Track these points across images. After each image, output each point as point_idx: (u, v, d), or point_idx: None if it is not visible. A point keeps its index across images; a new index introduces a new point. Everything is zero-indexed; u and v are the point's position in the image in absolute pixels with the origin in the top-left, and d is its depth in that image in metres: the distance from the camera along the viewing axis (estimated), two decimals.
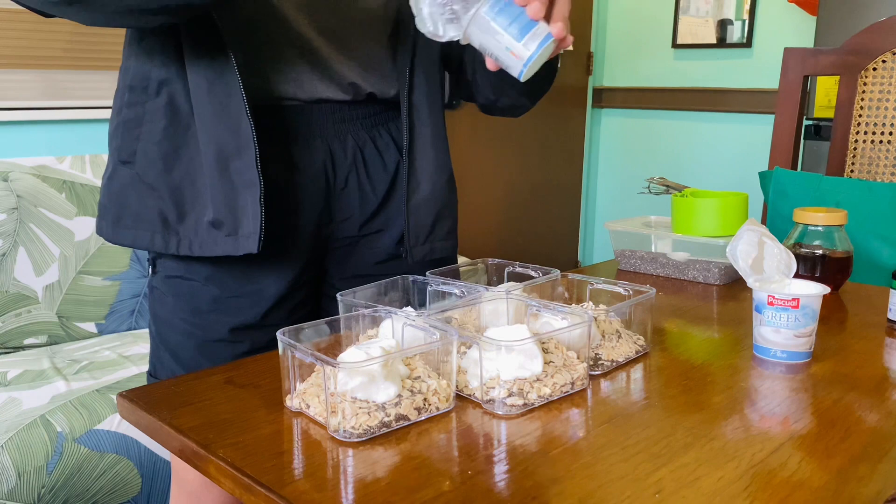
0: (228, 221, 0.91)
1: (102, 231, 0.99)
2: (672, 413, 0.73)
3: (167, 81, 0.91)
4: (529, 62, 0.79)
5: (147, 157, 0.93)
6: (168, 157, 0.92)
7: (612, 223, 1.31)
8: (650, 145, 3.63)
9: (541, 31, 0.78)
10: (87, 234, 2.06)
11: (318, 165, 0.99)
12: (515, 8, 0.77)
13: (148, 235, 0.94)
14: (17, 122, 2.15)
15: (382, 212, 1.05)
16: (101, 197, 1.00)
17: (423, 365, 0.75)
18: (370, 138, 1.03)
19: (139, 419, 0.75)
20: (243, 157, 0.90)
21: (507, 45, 0.78)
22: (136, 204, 0.94)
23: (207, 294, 0.97)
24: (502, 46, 0.79)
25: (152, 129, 0.92)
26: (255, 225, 0.91)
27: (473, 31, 0.79)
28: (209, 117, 0.89)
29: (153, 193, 0.93)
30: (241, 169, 0.90)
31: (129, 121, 0.94)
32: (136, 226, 0.95)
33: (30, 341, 1.96)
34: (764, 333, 0.88)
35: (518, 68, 0.80)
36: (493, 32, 0.78)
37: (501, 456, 0.64)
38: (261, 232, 0.91)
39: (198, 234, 0.93)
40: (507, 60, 0.80)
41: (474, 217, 3.33)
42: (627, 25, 3.62)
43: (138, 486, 1.58)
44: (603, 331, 0.87)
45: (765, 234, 0.97)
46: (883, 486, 0.61)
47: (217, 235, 0.92)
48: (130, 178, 0.94)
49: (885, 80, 1.54)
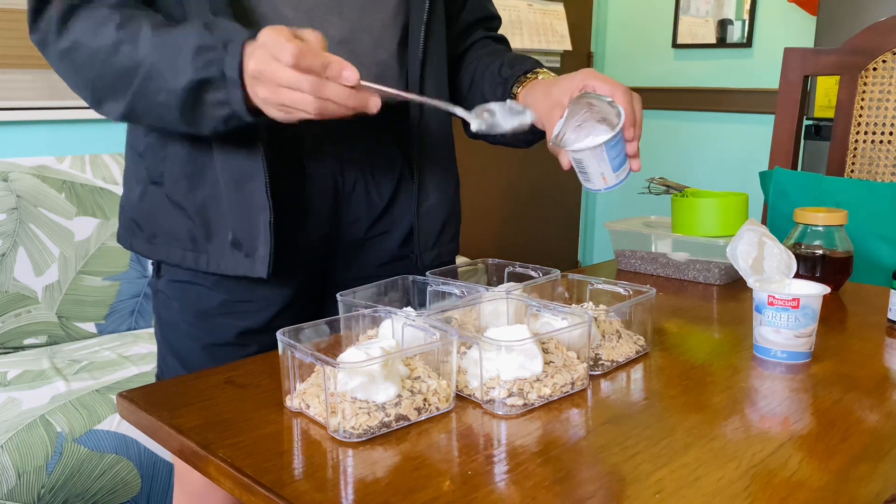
0: (246, 242, 0.93)
1: (135, 246, 1.01)
2: (672, 413, 0.73)
3: None
4: (609, 189, 0.95)
5: (173, 178, 0.95)
6: (193, 178, 0.94)
7: (612, 223, 1.31)
8: (650, 145, 3.62)
9: (627, 167, 0.94)
10: (86, 234, 2.06)
11: (328, 172, 0.99)
12: (622, 143, 0.91)
13: (180, 253, 0.96)
14: (17, 122, 2.15)
15: (387, 215, 1.06)
16: (128, 213, 1.01)
17: (423, 365, 0.74)
18: (377, 143, 1.04)
19: (139, 419, 0.75)
20: (255, 180, 0.91)
21: (603, 172, 0.93)
22: (168, 223, 0.96)
23: (215, 298, 0.98)
24: (599, 172, 0.93)
25: (177, 150, 0.94)
26: (266, 249, 0.92)
27: (584, 155, 0.91)
28: (224, 139, 0.91)
29: (182, 213, 0.95)
30: (253, 191, 0.91)
31: (157, 142, 0.96)
32: (170, 243, 0.97)
33: (30, 341, 1.96)
34: (764, 333, 0.88)
35: (598, 187, 0.95)
36: (600, 160, 0.91)
37: (501, 456, 0.64)
38: (270, 258, 0.92)
39: (223, 254, 0.94)
40: (593, 178, 0.94)
41: (474, 217, 3.33)
42: (627, 25, 3.62)
43: (138, 486, 1.58)
44: (603, 331, 0.87)
45: (765, 234, 0.97)
46: (883, 486, 0.61)
47: (238, 255, 0.94)
48: (160, 198, 0.96)
49: (885, 80, 1.54)
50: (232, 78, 0.79)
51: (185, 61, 0.80)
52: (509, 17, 3.18)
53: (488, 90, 1.06)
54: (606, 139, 0.88)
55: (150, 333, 2.05)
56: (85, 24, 0.84)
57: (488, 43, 1.15)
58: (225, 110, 0.82)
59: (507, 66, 1.05)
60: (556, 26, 3.36)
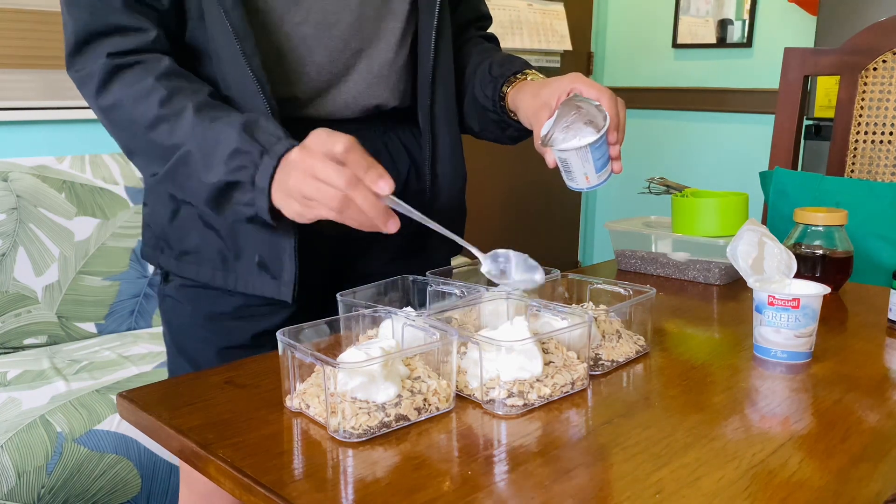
0: (273, 265, 0.94)
1: (162, 263, 1.01)
2: (672, 413, 0.73)
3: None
4: (591, 188, 0.97)
5: None
6: None
7: (612, 223, 1.31)
8: (650, 145, 3.63)
9: (609, 169, 0.96)
10: (86, 234, 2.06)
11: None
12: (605, 145, 0.93)
13: (209, 272, 0.97)
14: (17, 122, 2.15)
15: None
16: (155, 231, 1.01)
17: (423, 365, 0.74)
18: (383, 145, 1.04)
19: (139, 419, 0.75)
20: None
21: (586, 172, 0.94)
22: (199, 242, 0.97)
23: (231, 302, 0.98)
24: (583, 172, 0.94)
25: None
26: (290, 275, 0.93)
27: (571, 153, 0.93)
28: None
29: (214, 233, 0.95)
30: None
31: None
32: (199, 262, 0.97)
33: (29, 341, 1.96)
34: (764, 333, 0.88)
35: (581, 187, 0.97)
36: (585, 161, 0.93)
37: (501, 456, 0.64)
38: (295, 282, 0.93)
39: (251, 274, 0.95)
40: (576, 178, 0.96)
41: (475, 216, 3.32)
42: (627, 25, 3.62)
43: (138, 486, 1.58)
44: (603, 331, 0.87)
45: (765, 234, 0.97)
46: (883, 486, 0.61)
47: (265, 277, 0.95)
48: (192, 217, 0.97)
49: (885, 80, 1.54)
50: (261, 187, 0.81)
51: (220, 161, 0.81)
52: (509, 17, 3.18)
53: (478, 88, 1.07)
54: (592, 141, 0.90)
55: (150, 333, 2.05)
56: (128, 91, 0.85)
57: (480, 42, 1.16)
58: (249, 211, 0.84)
59: (497, 65, 1.06)
60: (556, 26, 3.36)
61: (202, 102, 0.85)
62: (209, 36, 0.89)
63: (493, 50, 1.14)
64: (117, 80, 0.85)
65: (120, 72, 0.85)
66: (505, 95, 1.04)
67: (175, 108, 0.83)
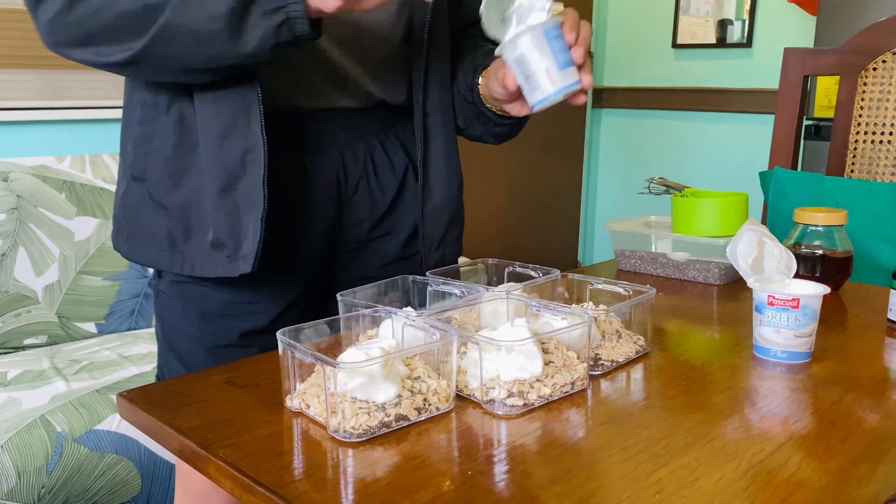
0: (229, 243, 0.91)
1: (119, 247, 1.00)
2: (672, 413, 0.73)
3: (177, 98, 0.91)
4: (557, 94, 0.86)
5: (157, 175, 0.93)
6: (176, 176, 0.92)
7: (612, 223, 1.31)
8: (650, 145, 3.63)
9: (573, 74, 0.86)
10: (86, 234, 2.06)
11: (330, 173, 0.99)
12: (563, 42, 0.85)
13: (156, 254, 0.95)
14: (17, 122, 2.15)
15: (390, 215, 1.06)
16: (115, 211, 1.00)
17: (423, 365, 0.74)
18: (379, 143, 1.04)
19: (139, 419, 0.75)
20: (249, 175, 0.89)
21: (547, 68, 0.85)
22: (148, 222, 0.95)
23: (219, 299, 0.98)
24: (543, 67, 0.85)
25: (162, 145, 0.92)
26: (253, 247, 0.90)
27: (524, 41, 0.84)
28: (216, 136, 0.89)
29: (162, 212, 0.93)
30: (246, 188, 0.89)
31: (140, 137, 0.94)
32: (147, 243, 0.95)
33: (30, 341, 1.96)
34: (764, 333, 0.88)
35: (545, 93, 0.86)
36: (543, 51, 0.84)
37: (501, 456, 0.64)
38: (257, 252, 0.90)
39: (201, 255, 0.93)
40: (539, 81, 0.86)
41: (474, 217, 3.33)
42: (627, 25, 3.62)
43: (138, 486, 1.58)
44: (603, 331, 0.87)
45: (765, 234, 0.97)
46: (883, 486, 0.61)
47: (217, 256, 0.92)
48: (142, 195, 0.95)
49: (885, 80, 1.54)
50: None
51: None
52: None
53: (461, 79, 1.05)
54: (544, 20, 0.85)
55: (150, 333, 2.05)
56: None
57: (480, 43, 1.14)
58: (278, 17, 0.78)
59: (481, 55, 1.04)
60: None
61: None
62: None
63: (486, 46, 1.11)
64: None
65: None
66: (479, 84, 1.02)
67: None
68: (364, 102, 1.01)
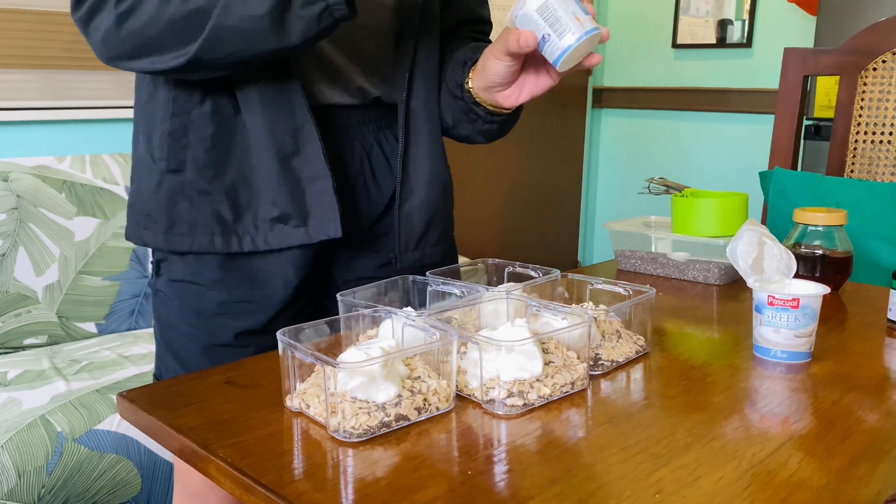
0: (296, 214, 0.94)
1: (147, 240, 0.99)
2: (672, 413, 0.73)
3: (211, 90, 0.92)
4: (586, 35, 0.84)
5: (198, 164, 0.94)
6: (220, 162, 0.94)
7: (612, 223, 1.31)
8: (650, 145, 3.63)
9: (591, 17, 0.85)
10: (87, 234, 2.06)
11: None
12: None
13: (207, 238, 0.95)
14: (17, 122, 2.15)
15: (388, 215, 1.05)
16: (139, 207, 1.00)
17: (423, 365, 0.75)
18: (376, 142, 1.03)
19: (139, 419, 0.75)
20: (306, 152, 0.93)
21: (574, 11, 0.84)
22: (190, 210, 0.95)
23: (214, 298, 0.98)
24: (570, 11, 0.84)
25: (200, 136, 0.93)
26: (333, 212, 0.94)
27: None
28: (263, 121, 0.91)
29: (207, 198, 0.94)
30: (305, 164, 0.93)
31: (175, 131, 0.95)
32: (193, 232, 0.96)
33: (30, 341, 1.96)
34: (764, 333, 0.88)
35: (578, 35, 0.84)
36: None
37: (501, 456, 0.64)
38: (340, 218, 0.94)
39: (259, 231, 0.95)
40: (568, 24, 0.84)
41: (474, 217, 3.33)
42: (627, 25, 3.62)
43: (138, 486, 1.58)
44: (603, 331, 0.87)
45: (765, 234, 0.97)
46: (883, 486, 0.61)
47: (284, 229, 0.94)
48: (181, 185, 0.95)
49: (885, 80, 1.54)
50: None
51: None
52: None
53: (449, 75, 1.04)
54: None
55: (150, 333, 2.05)
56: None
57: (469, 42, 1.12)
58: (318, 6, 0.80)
59: (469, 50, 1.03)
60: None
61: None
62: None
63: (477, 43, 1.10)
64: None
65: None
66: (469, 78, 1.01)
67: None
68: (359, 99, 1.01)
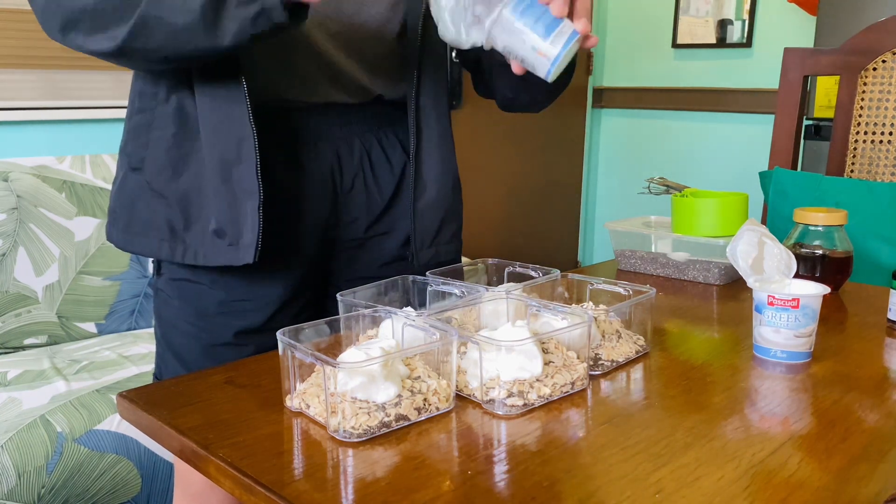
0: (230, 231, 0.91)
1: (112, 237, 0.99)
2: (672, 413, 0.73)
3: (176, 87, 0.91)
4: (557, 61, 0.78)
5: (156, 164, 0.93)
6: (176, 165, 0.92)
7: (612, 223, 1.31)
8: (650, 145, 3.62)
9: (566, 29, 0.78)
10: (87, 234, 2.06)
11: (325, 168, 0.99)
12: (539, 7, 0.77)
13: (155, 243, 0.94)
14: (17, 122, 2.15)
15: (388, 214, 1.05)
16: (110, 202, 0.99)
17: (423, 365, 0.75)
18: (376, 140, 1.03)
19: (139, 419, 0.75)
20: (244, 164, 0.89)
21: (532, 45, 0.78)
22: (145, 211, 0.94)
23: (214, 297, 0.98)
24: (528, 47, 0.78)
25: (161, 135, 0.92)
26: (253, 236, 0.90)
27: (497, 34, 0.78)
28: (213, 124, 0.89)
29: (162, 201, 0.93)
30: (242, 177, 0.90)
31: (139, 127, 0.94)
32: (145, 233, 0.95)
33: (30, 341, 1.96)
34: (764, 333, 0.88)
35: (546, 68, 0.79)
36: (518, 33, 0.77)
37: (501, 456, 0.64)
38: (258, 242, 0.90)
39: (203, 244, 0.92)
40: (534, 61, 0.79)
41: (475, 217, 3.33)
42: (627, 25, 3.62)
43: (138, 486, 1.58)
44: (603, 331, 0.87)
45: (765, 234, 0.97)
46: (883, 486, 0.61)
47: (220, 244, 0.92)
48: (140, 184, 0.94)
49: (885, 80, 1.54)
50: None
51: None
52: None
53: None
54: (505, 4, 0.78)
55: (150, 333, 2.05)
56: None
57: None
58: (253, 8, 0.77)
59: None
60: None
61: None
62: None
63: None
64: None
65: None
66: None
67: None
68: (360, 98, 1.00)
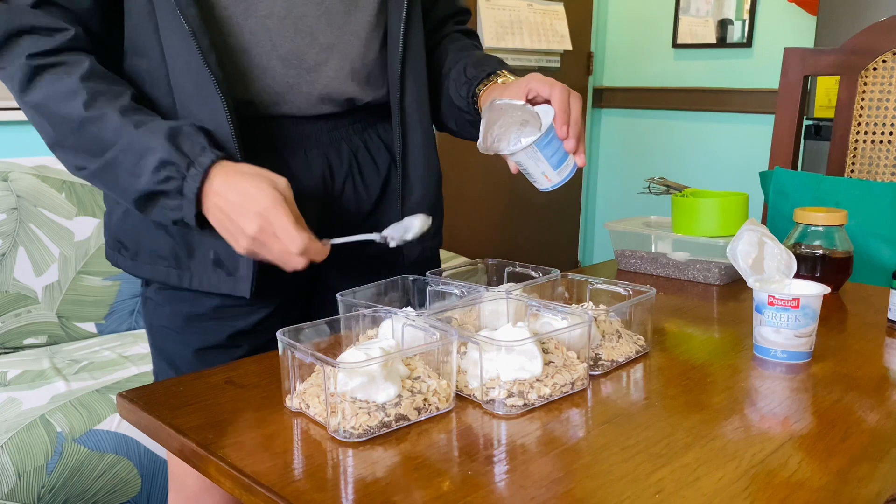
0: (228, 261, 0.94)
1: (120, 264, 1.01)
2: (672, 413, 0.73)
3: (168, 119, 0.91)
4: (557, 186, 0.97)
5: None
6: None
7: (612, 223, 1.31)
8: (650, 145, 3.62)
9: (570, 163, 0.96)
10: (86, 234, 2.06)
11: (317, 175, 0.99)
12: (556, 142, 0.93)
13: (164, 271, 0.97)
14: (17, 122, 2.15)
15: (375, 213, 1.06)
16: (111, 230, 1.01)
17: (423, 365, 0.75)
18: (362, 142, 1.04)
19: (139, 419, 0.75)
20: None
21: (544, 171, 0.96)
22: (151, 242, 0.97)
23: (207, 303, 0.98)
24: (540, 171, 0.96)
25: None
26: (249, 270, 0.93)
27: (520, 156, 0.94)
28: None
29: (163, 231, 0.95)
30: None
31: None
32: (154, 262, 0.97)
33: (30, 341, 1.96)
34: (764, 333, 0.88)
35: (545, 187, 0.98)
36: (537, 160, 0.94)
37: (501, 456, 0.64)
38: (254, 276, 0.94)
39: (206, 272, 0.95)
40: (538, 179, 0.97)
41: (474, 217, 3.33)
42: (627, 25, 3.62)
43: (138, 486, 1.58)
44: (603, 331, 0.87)
45: (765, 234, 0.97)
46: (883, 486, 0.61)
47: (220, 273, 0.95)
48: (142, 218, 0.96)
49: (885, 80, 1.54)
50: (188, 197, 0.83)
51: (146, 170, 0.83)
52: (509, 17, 3.18)
53: (453, 89, 1.07)
54: (534, 140, 0.92)
55: None
56: (52, 88, 0.84)
57: (458, 38, 1.16)
58: (175, 215, 0.86)
59: (472, 66, 1.05)
60: (556, 26, 3.36)
61: (125, 107, 0.85)
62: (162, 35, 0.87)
63: (470, 48, 1.13)
64: (39, 81, 0.84)
65: (42, 72, 0.84)
66: (478, 97, 1.04)
67: (98, 112, 0.83)
68: (347, 108, 1.02)
